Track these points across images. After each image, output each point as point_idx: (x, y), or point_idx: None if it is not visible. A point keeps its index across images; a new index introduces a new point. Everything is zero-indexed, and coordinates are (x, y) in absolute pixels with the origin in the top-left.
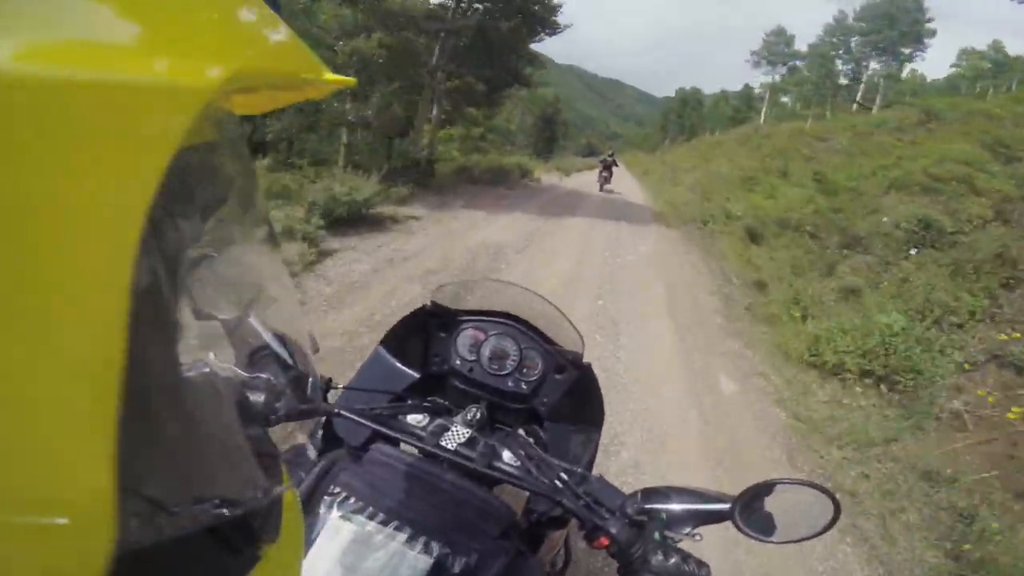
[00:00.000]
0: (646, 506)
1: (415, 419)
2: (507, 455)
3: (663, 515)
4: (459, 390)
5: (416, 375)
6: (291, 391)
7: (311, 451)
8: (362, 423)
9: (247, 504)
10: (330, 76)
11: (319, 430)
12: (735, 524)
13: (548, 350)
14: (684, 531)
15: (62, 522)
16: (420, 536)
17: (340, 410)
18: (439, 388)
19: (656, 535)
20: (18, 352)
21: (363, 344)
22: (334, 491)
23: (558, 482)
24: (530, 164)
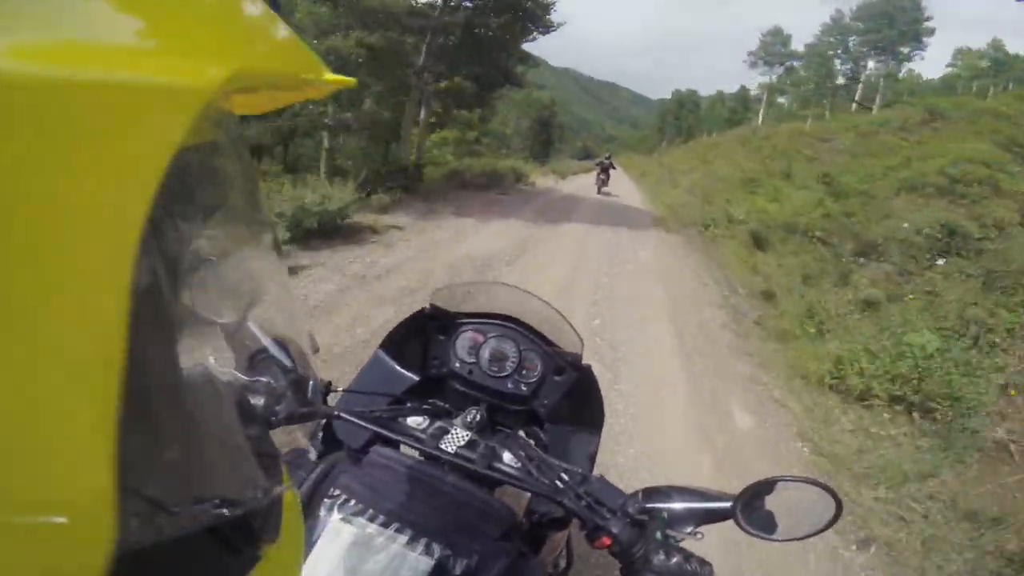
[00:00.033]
0: (647, 505)
1: (415, 422)
2: (507, 456)
3: (664, 514)
4: (459, 392)
5: (415, 378)
6: (291, 394)
7: (311, 453)
8: (362, 426)
9: (247, 504)
10: (330, 76)
11: (319, 432)
12: (737, 522)
13: (547, 352)
14: (686, 530)
15: (62, 522)
16: (421, 538)
17: (340, 413)
18: (439, 391)
19: (658, 534)
20: (18, 352)
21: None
22: (334, 493)
23: (559, 483)
24: (525, 168)
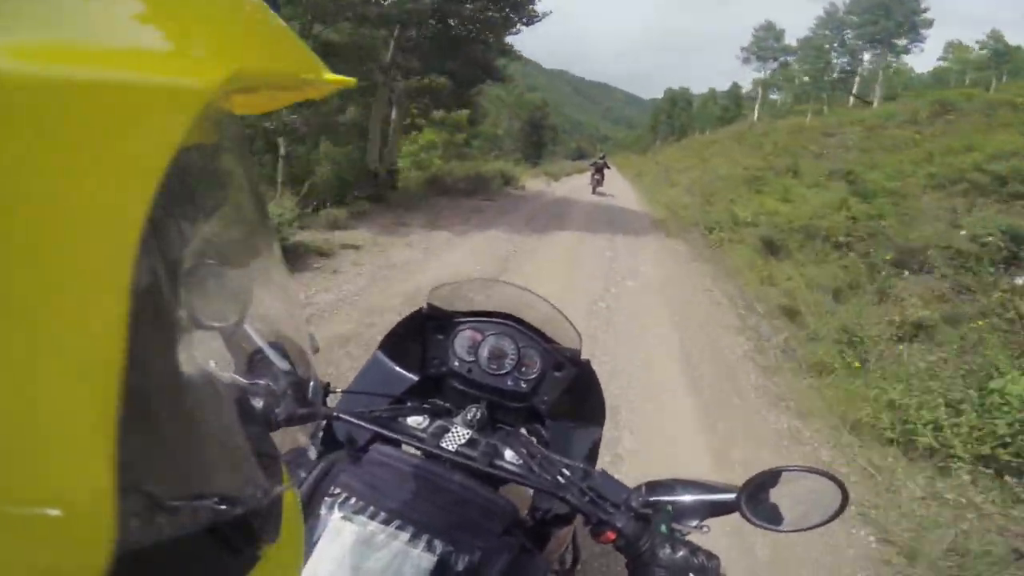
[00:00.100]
0: (651, 499)
1: (415, 421)
2: (509, 454)
3: (669, 508)
4: (458, 391)
5: (415, 378)
6: (290, 395)
7: (312, 451)
8: (363, 426)
9: (247, 503)
10: (330, 76)
11: (319, 432)
12: (742, 514)
13: (546, 348)
14: (692, 523)
15: (62, 522)
16: (422, 535)
17: (340, 414)
18: (438, 390)
19: (663, 528)
20: (19, 352)
21: None
22: (334, 492)
23: (561, 478)
24: (514, 170)
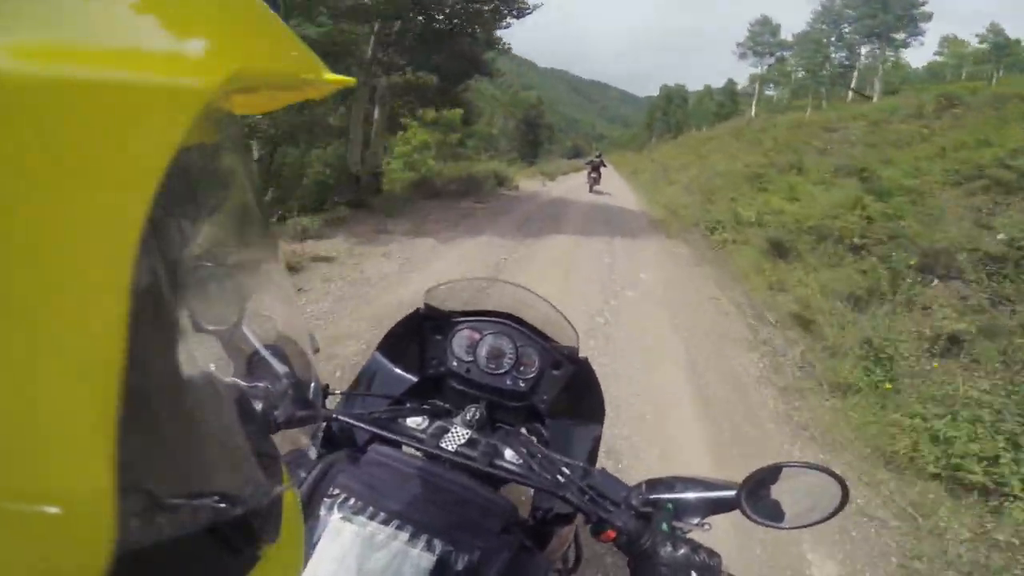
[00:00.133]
0: (651, 496)
1: (415, 422)
2: (508, 453)
3: (670, 505)
4: (458, 391)
5: (414, 379)
6: (290, 397)
7: (311, 452)
8: (362, 427)
9: (247, 503)
10: (330, 76)
11: (319, 434)
12: (742, 511)
13: (544, 347)
14: (693, 521)
15: (62, 522)
16: (422, 534)
17: (339, 415)
18: (437, 391)
19: (663, 526)
20: (19, 352)
21: None
22: (334, 493)
23: (561, 477)
24: (508, 170)
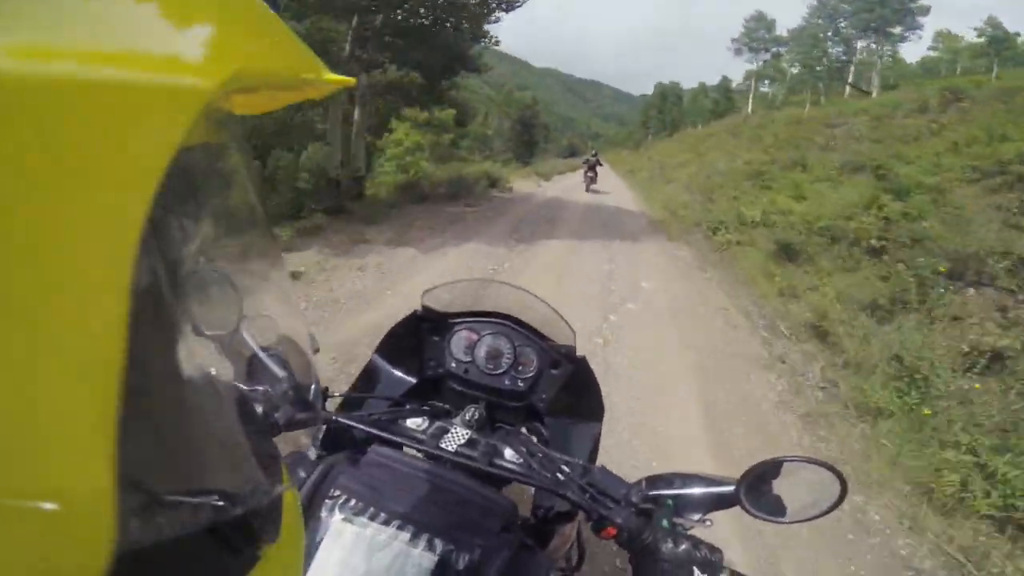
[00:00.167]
0: (651, 493)
1: (414, 423)
2: (508, 453)
3: (670, 502)
4: (457, 392)
5: (413, 380)
6: (290, 400)
7: (311, 452)
8: (363, 429)
9: (247, 502)
10: (330, 76)
11: (319, 436)
12: (741, 506)
13: (542, 346)
14: (694, 518)
15: (62, 522)
16: (423, 534)
17: (339, 417)
18: (436, 392)
19: (664, 522)
20: (19, 352)
21: None
22: (334, 494)
23: (560, 475)
24: (501, 171)
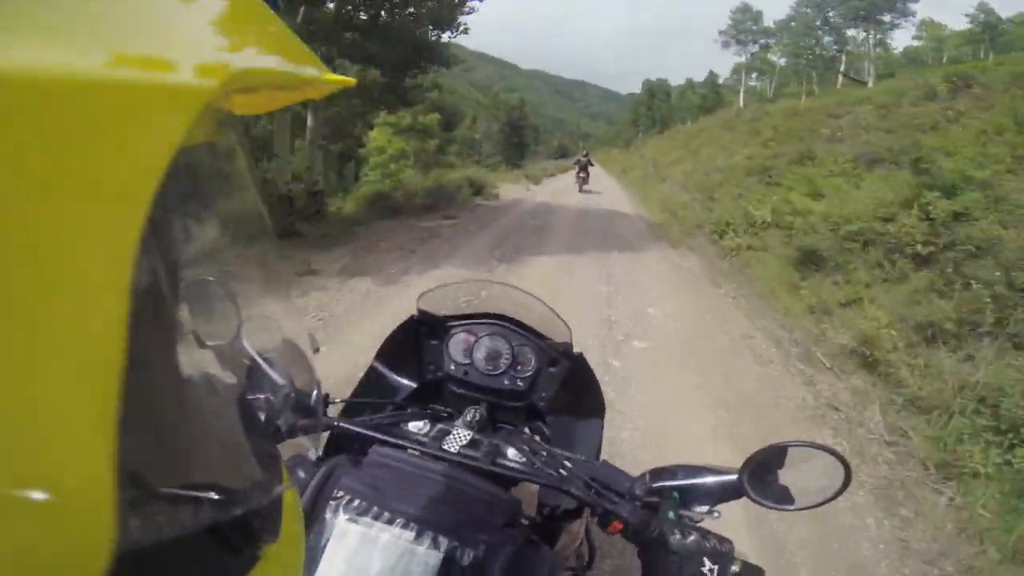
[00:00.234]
0: (655, 486)
1: (416, 426)
2: (511, 452)
3: (675, 494)
4: (457, 394)
5: (413, 385)
6: (292, 406)
7: (312, 453)
8: (365, 434)
9: (247, 502)
10: (330, 76)
11: (320, 442)
12: (747, 495)
13: (539, 345)
14: (700, 510)
15: (62, 522)
16: (427, 532)
17: (341, 423)
18: (437, 395)
19: (670, 514)
20: (18, 352)
21: None
22: (337, 495)
23: (564, 472)
24: (487, 176)
